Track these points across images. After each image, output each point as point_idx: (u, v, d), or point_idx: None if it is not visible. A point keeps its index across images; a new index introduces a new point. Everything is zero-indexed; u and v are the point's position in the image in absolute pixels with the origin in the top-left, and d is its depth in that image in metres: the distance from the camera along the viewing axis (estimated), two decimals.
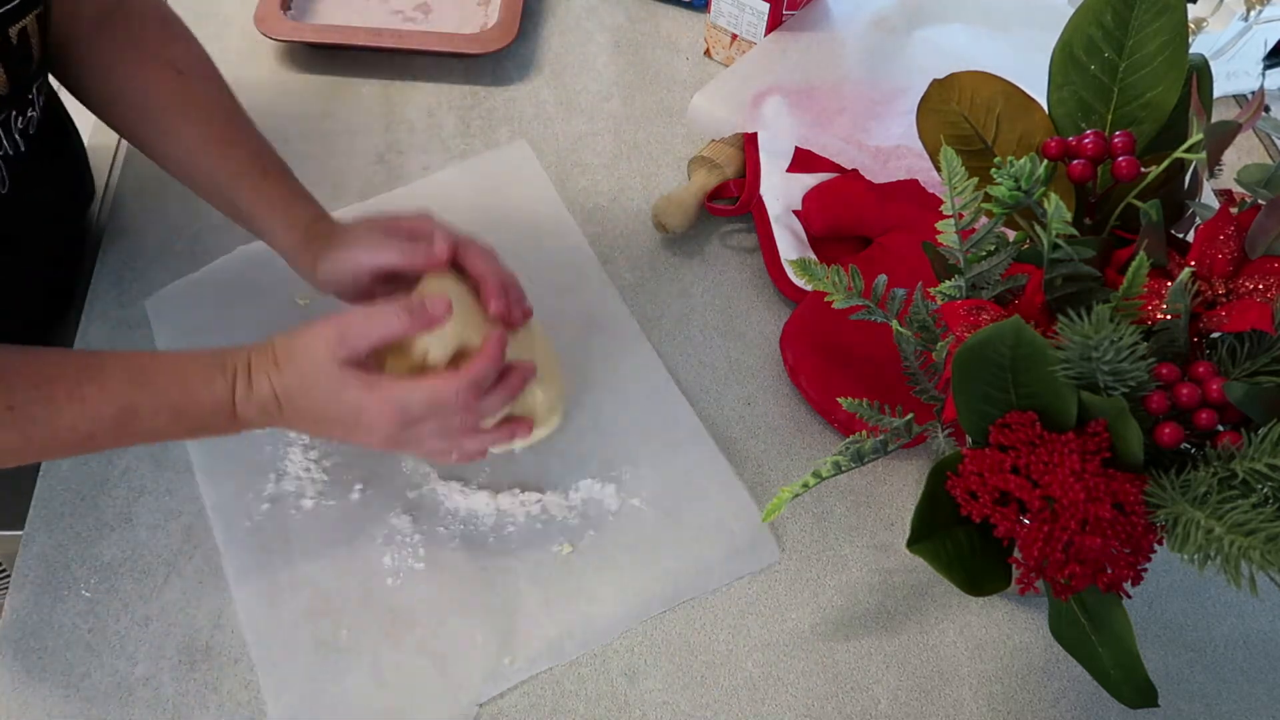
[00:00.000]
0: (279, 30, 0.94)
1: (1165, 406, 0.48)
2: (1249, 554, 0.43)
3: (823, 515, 0.70)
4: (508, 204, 0.86)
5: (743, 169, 0.87)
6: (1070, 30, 0.57)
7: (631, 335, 0.77)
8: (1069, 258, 0.51)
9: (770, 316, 0.80)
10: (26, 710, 0.60)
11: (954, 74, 0.60)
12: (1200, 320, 0.50)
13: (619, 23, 1.03)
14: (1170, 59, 0.55)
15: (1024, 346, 0.48)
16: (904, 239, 0.79)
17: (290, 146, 0.88)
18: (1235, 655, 0.66)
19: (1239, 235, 0.50)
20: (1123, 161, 0.53)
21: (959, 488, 0.51)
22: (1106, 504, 0.47)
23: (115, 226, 0.82)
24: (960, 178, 0.55)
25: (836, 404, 0.65)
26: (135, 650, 0.62)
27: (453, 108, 0.93)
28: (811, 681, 0.64)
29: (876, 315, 0.61)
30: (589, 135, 0.92)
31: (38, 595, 0.64)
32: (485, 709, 0.61)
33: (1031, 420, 0.49)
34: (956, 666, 0.65)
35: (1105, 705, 0.63)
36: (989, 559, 0.53)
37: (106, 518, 0.67)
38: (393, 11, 1.00)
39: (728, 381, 0.76)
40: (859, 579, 0.68)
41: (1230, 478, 0.47)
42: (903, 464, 0.73)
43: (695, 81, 0.97)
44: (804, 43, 0.94)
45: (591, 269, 0.82)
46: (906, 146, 0.85)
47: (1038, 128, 0.59)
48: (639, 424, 0.73)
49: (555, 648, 0.63)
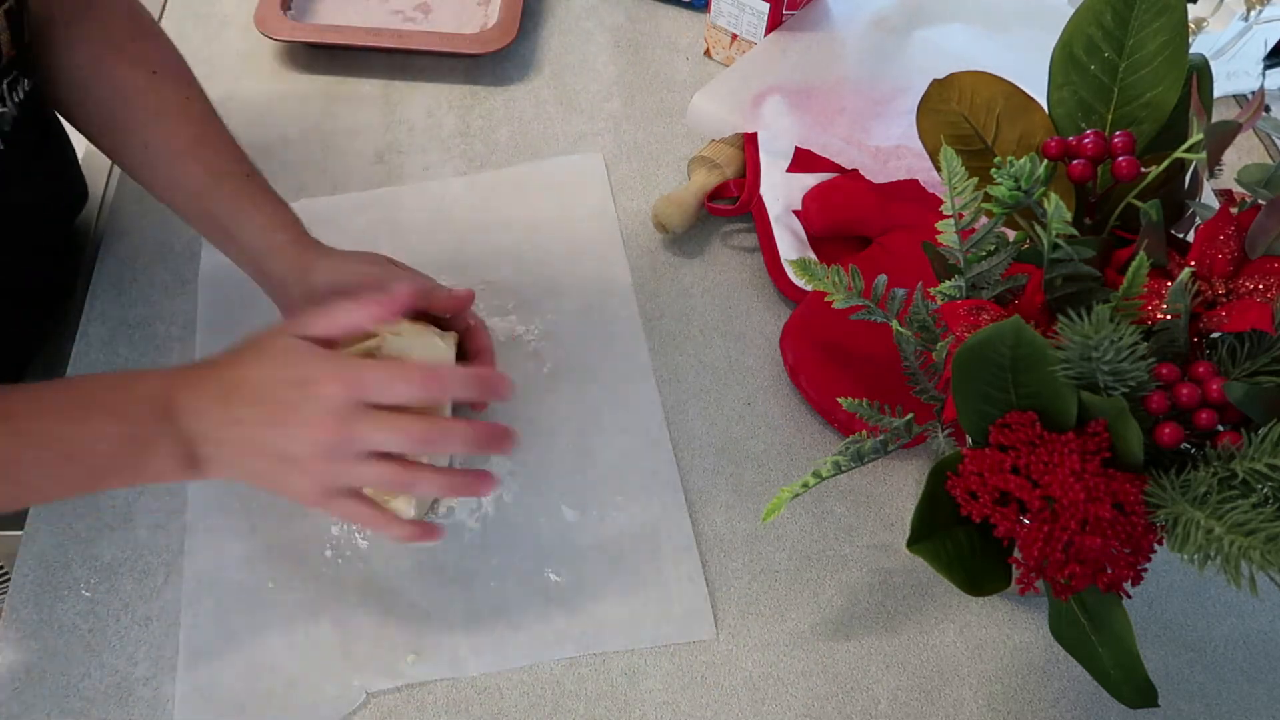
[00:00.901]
0: (279, 30, 0.94)
1: (1165, 406, 0.48)
2: (1249, 554, 0.43)
3: (823, 515, 0.70)
4: (562, 213, 0.85)
5: (743, 169, 0.87)
6: (1070, 30, 0.57)
7: (640, 372, 0.76)
8: (1069, 258, 0.51)
9: (770, 316, 0.80)
10: (26, 710, 0.60)
11: (954, 74, 0.60)
12: (1200, 320, 0.50)
13: (619, 23, 1.03)
14: (1170, 59, 0.55)
15: (1024, 346, 0.48)
16: (904, 239, 0.79)
17: (290, 146, 0.89)
18: (1235, 655, 0.66)
19: (1239, 235, 0.50)
20: (1123, 161, 0.53)
21: (959, 488, 0.51)
22: (1106, 504, 0.47)
23: (115, 227, 0.82)
24: (960, 178, 0.55)
25: (836, 404, 0.65)
26: (135, 650, 0.62)
27: (453, 108, 0.93)
28: (811, 681, 0.64)
29: (876, 315, 0.61)
30: (589, 135, 0.92)
31: (38, 595, 0.64)
32: (486, 709, 0.61)
33: (1031, 420, 0.49)
34: (956, 666, 0.65)
35: (1105, 705, 0.63)
36: (989, 559, 0.53)
37: (106, 518, 0.67)
38: (393, 11, 1.00)
39: (728, 381, 0.76)
40: (859, 579, 0.68)
41: (1230, 478, 0.47)
42: (903, 464, 0.73)
43: (695, 81, 0.97)
44: (804, 43, 0.94)
45: (623, 297, 0.80)
46: (906, 146, 0.85)
47: (1038, 128, 0.59)
48: (618, 466, 0.71)
49: (459, 661, 0.62)
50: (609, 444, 0.72)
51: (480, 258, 0.81)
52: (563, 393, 0.74)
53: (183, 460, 0.54)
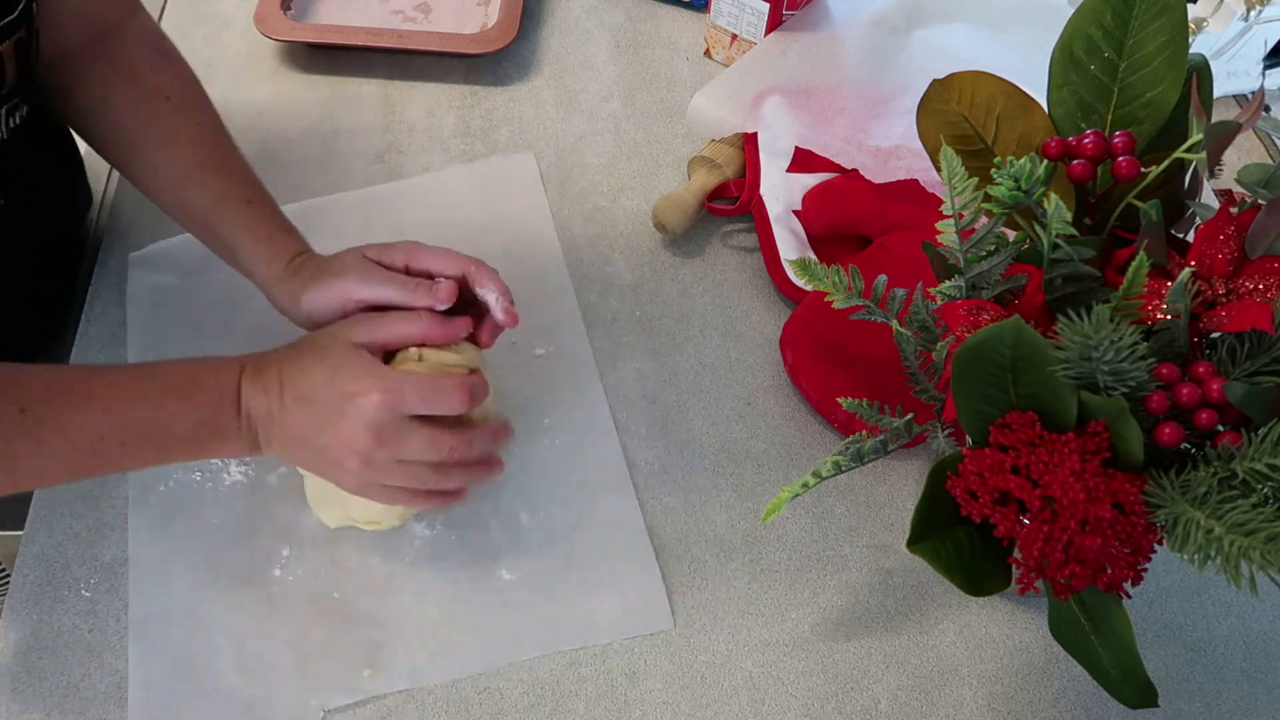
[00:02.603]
0: (279, 30, 0.94)
1: (1165, 406, 0.48)
2: (1249, 554, 0.43)
3: (823, 515, 0.70)
4: (498, 215, 0.85)
5: (743, 169, 0.87)
6: (1070, 30, 0.57)
7: (585, 367, 0.76)
8: (1069, 258, 0.52)
9: (770, 316, 0.80)
10: (27, 711, 0.60)
11: (954, 74, 0.60)
12: (1200, 320, 0.50)
13: (619, 23, 1.03)
14: (1170, 59, 0.55)
15: (1024, 346, 0.48)
16: (904, 239, 0.79)
17: (290, 146, 0.89)
18: (1235, 655, 0.66)
19: (1239, 235, 0.50)
20: (1123, 161, 0.53)
21: (959, 488, 0.51)
22: (1106, 504, 0.47)
23: (114, 228, 0.82)
24: (960, 178, 0.55)
25: (836, 404, 0.65)
26: None
27: (453, 108, 0.93)
28: (811, 681, 0.64)
29: (876, 315, 0.61)
30: (589, 135, 0.92)
31: (38, 595, 0.64)
32: (486, 709, 0.61)
33: (1031, 420, 0.49)
34: (956, 666, 0.65)
35: (1105, 705, 0.63)
36: (989, 559, 0.53)
37: (106, 518, 0.67)
38: (393, 11, 1.00)
39: (728, 381, 0.76)
40: (859, 579, 0.68)
41: (1230, 478, 0.47)
42: (903, 464, 0.73)
43: (695, 81, 0.97)
44: (804, 43, 0.94)
45: (564, 292, 0.80)
46: (906, 146, 0.85)
47: (1038, 128, 0.59)
48: (567, 461, 0.71)
49: (416, 671, 0.62)
50: (555, 441, 0.72)
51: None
52: (507, 393, 0.73)
53: (249, 441, 0.59)
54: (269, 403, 0.57)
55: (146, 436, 0.56)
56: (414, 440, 0.57)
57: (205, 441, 0.58)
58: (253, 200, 0.68)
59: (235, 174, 0.68)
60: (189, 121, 0.69)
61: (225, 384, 0.58)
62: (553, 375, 0.75)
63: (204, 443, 0.58)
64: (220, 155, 0.69)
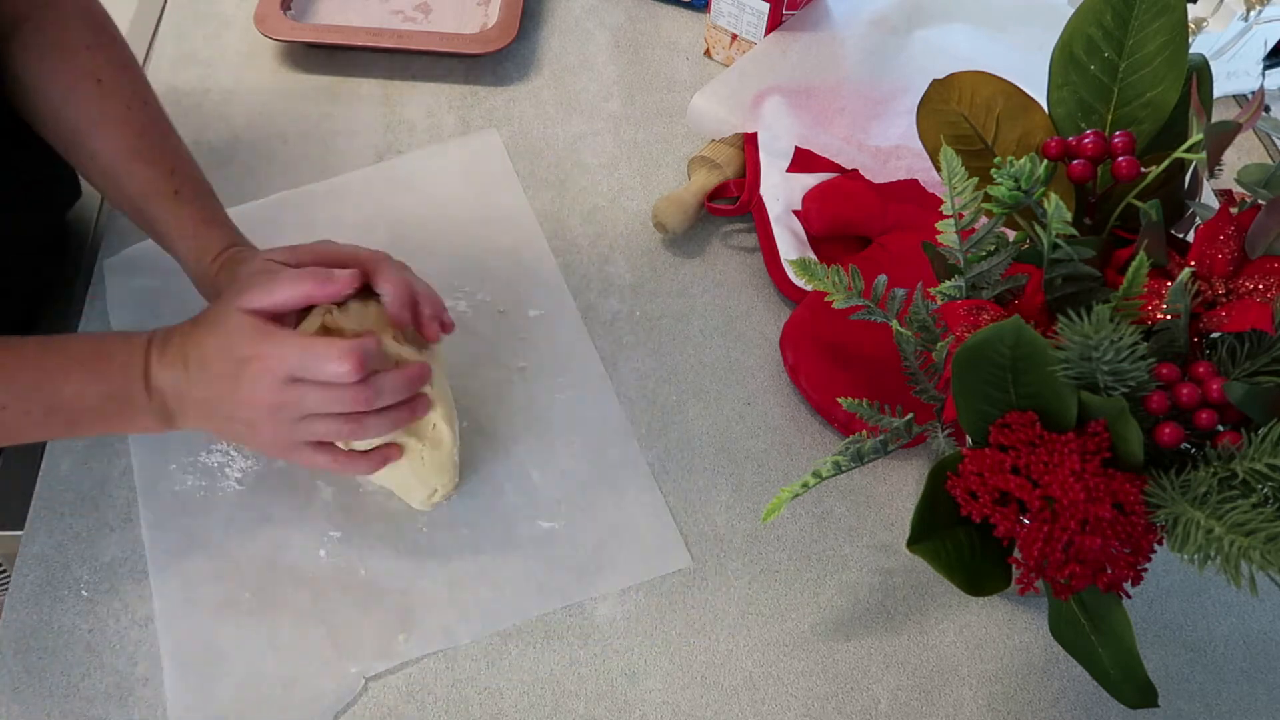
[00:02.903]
0: (279, 30, 0.94)
1: (1165, 406, 0.48)
2: (1249, 554, 0.43)
3: (823, 515, 0.70)
4: (470, 193, 0.87)
5: (743, 169, 0.87)
6: (1070, 30, 0.57)
7: (573, 327, 0.78)
8: (1069, 258, 0.52)
9: (770, 316, 0.80)
10: (27, 711, 0.60)
11: (954, 74, 0.60)
12: (1200, 320, 0.50)
13: (619, 23, 1.03)
14: (1170, 59, 0.55)
15: (1024, 346, 0.48)
16: (904, 239, 0.79)
17: (290, 146, 0.89)
18: (1235, 655, 0.66)
19: (1239, 235, 0.50)
20: (1123, 161, 0.53)
21: (959, 488, 0.51)
22: (1106, 504, 0.47)
23: (115, 227, 0.82)
24: (960, 178, 0.55)
25: (836, 404, 0.65)
26: (135, 650, 0.62)
27: (453, 108, 0.93)
28: (811, 681, 0.64)
29: (876, 315, 0.62)
30: (589, 135, 0.92)
31: (38, 595, 0.64)
32: (486, 709, 0.61)
33: (1031, 420, 0.49)
34: (956, 666, 0.65)
35: (1105, 705, 0.63)
36: (989, 559, 0.53)
37: (106, 518, 0.67)
38: (393, 11, 1.00)
39: (728, 381, 0.76)
40: (859, 579, 0.68)
41: (1230, 478, 0.47)
42: (903, 464, 0.73)
43: (695, 81, 0.97)
44: (804, 43, 0.94)
45: (541, 256, 0.82)
46: (906, 146, 0.85)
47: (1038, 128, 0.59)
48: (568, 419, 0.73)
49: (450, 631, 0.64)
50: (555, 399, 0.74)
51: (392, 242, 0.79)
52: (502, 360, 0.76)
53: (160, 415, 0.59)
54: (175, 376, 0.58)
55: (51, 408, 0.57)
56: (312, 395, 0.57)
57: (114, 415, 0.58)
58: (181, 192, 0.67)
59: (165, 163, 0.67)
60: (119, 105, 0.67)
61: (133, 357, 0.58)
62: (546, 336, 0.78)
63: (112, 417, 0.59)
64: (150, 143, 0.67)
